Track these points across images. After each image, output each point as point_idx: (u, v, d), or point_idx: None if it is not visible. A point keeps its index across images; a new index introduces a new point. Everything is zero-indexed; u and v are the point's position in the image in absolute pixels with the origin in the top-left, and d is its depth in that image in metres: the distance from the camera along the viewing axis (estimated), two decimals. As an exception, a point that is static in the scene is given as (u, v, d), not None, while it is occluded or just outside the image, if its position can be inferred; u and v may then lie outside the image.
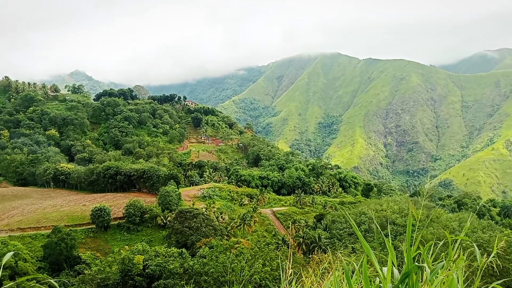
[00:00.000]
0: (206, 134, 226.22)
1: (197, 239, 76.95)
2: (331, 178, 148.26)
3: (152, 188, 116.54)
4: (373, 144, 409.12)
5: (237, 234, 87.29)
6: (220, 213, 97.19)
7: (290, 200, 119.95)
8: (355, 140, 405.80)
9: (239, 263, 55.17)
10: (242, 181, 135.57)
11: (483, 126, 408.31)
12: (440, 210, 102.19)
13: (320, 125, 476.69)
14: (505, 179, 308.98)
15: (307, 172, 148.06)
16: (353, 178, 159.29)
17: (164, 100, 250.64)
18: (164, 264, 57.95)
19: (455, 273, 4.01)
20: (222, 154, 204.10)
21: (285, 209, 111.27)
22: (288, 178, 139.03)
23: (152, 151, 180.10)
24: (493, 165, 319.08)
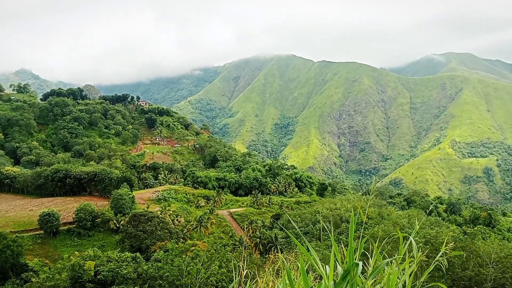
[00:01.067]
0: (160, 135, 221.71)
1: (152, 243, 75.25)
2: (287, 178, 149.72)
3: (104, 192, 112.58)
4: (327, 144, 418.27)
5: (194, 237, 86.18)
6: (176, 215, 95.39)
7: (247, 201, 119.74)
8: (310, 141, 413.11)
9: (195, 265, 54.29)
10: (198, 182, 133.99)
11: (430, 127, 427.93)
12: (390, 208, 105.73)
13: (277, 126, 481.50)
14: (450, 177, 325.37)
15: (264, 173, 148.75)
16: (308, 178, 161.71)
17: (116, 100, 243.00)
18: (117, 269, 55.99)
19: (396, 268, 4.14)
20: (177, 156, 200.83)
21: (242, 210, 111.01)
22: (245, 179, 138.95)
23: (104, 153, 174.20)
24: (440, 164, 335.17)
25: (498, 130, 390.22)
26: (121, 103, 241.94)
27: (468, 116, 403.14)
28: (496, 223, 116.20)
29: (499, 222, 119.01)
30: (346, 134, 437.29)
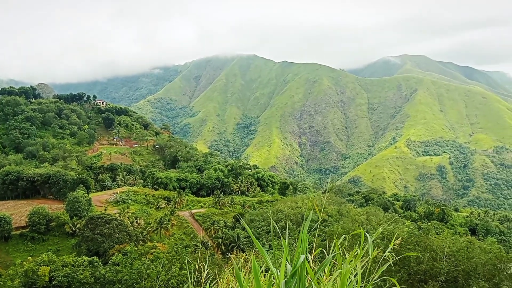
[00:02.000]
0: (118, 135, 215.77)
1: (110, 246, 73.27)
2: (249, 178, 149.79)
3: (59, 194, 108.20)
4: (289, 144, 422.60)
5: (154, 239, 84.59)
6: (135, 217, 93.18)
7: (209, 201, 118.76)
8: (272, 141, 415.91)
9: (155, 268, 53.43)
10: (158, 183, 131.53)
11: (387, 126, 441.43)
12: (350, 205, 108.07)
13: (239, 125, 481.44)
14: (406, 175, 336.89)
15: (226, 173, 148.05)
16: (270, 177, 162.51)
17: (72, 99, 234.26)
18: (73, 274, 54.11)
19: (349, 265, 4.23)
20: (136, 156, 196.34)
21: (204, 210, 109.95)
22: (207, 179, 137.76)
23: (59, 154, 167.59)
24: (396, 162, 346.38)
25: (450, 129, 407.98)
26: (76, 102, 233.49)
27: (422, 116, 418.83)
28: (449, 218, 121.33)
29: (451, 217, 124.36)
30: (307, 134, 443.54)
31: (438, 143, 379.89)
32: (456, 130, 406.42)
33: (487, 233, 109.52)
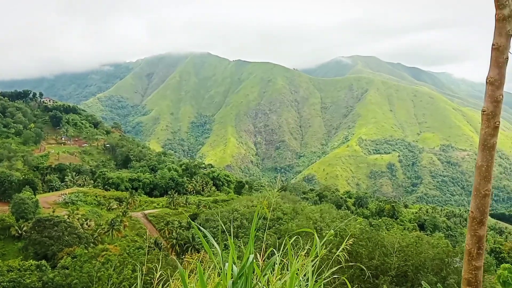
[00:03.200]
0: (67, 134, 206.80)
1: (59, 249, 70.50)
2: (204, 177, 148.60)
3: (4, 196, 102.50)
4: (244, 143, 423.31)
5: (105, 241, 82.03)
6: (85, 219, 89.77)
7: (163, 202, 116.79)
8: (227, 139, 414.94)
9: (107, 271, 52.06)
10: (110, 184, 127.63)
11: (339, 126, 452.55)
12: (304, 203, 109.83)
13: (193, 124, 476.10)
14: (358, 172, 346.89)
15: (180, 172, 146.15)
16: (226, 176, 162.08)
17: (16, 96, 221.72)
18: (19, 279, 51.59)
19: (298, 264, 4.28)
20: (86, 156, 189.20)
21: (157, 211, 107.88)
22: (161, 179, 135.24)
23: (3, 154, 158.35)
24: (348, 161, 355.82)
25: (399, 128, 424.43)
26: (21, 99, 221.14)
27: (373, 115, 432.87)
28: (399, 214, 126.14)
29: (401, 213, 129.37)
30: (262, 133, 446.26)
31: (388, 141, 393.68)
32: (405, 129, 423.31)
33: (435, 229, 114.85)
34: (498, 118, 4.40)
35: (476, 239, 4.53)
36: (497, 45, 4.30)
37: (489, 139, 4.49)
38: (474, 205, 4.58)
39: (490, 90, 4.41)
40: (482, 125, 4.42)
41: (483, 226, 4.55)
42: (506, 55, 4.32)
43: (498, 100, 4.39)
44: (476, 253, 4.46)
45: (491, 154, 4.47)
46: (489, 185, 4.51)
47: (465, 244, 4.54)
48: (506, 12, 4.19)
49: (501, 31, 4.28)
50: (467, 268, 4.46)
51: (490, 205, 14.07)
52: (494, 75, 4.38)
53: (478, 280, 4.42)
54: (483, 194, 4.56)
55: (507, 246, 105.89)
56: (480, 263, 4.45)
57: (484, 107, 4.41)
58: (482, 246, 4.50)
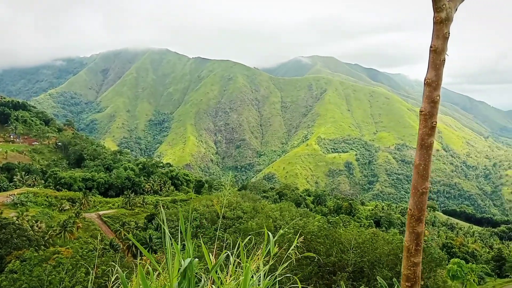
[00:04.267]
0: (16, 132, 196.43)
1: (7, 253, 67.19)
2: (162, 176, 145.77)
3: None
4: (204, 141, 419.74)
5: (57, 243, 78.49)
6: (36, 221, 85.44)
7: (119, 202, 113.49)
8: (186, 138, 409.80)
9: (58, 274, 49.73)
10: (62, 184, 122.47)
11: (299, 125, 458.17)
12: (264, 202, 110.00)
13: (151, 122, 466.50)
14: (317, 171, 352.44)
15: (137, 172, 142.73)
16: (185, 175, 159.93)
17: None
18: (-40, 286, 48.32)
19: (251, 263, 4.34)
20: (36, 155, 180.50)
21: (113, 211, 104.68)
22: (116, 178, 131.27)
23: None
24: (308, 159, 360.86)
25: (356, 128, 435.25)
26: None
27: (331, 115, 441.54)
28: (356, 211, 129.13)
29: (358, 210, 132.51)
30: (222, 131, 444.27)
31: (346, 140, 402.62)
32: (362, 129, 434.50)
33: (390, 225, 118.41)
34: (435, 118, 4.58)
35: (414, 236, 4.67)
36: (435, 47, 4.52)
37: (426, 139, 4.66)
38: (413, 202, 4.74)
39: (428, 91, 4.60)
40: (420, 125, 4.63)
41: (421, 223, 4.71)
42: (443, 57, 4.54)
43: (435, 101, 4.58)
44: (414, 250, 4.60)
45: (428, 153, 4.69)
46: (426, 183, 4.74)
47: (404, 241, 4.64)
48: (443, 15, 4.43)
49: (439, 33, 4.49)
50: (406, 265, 4.58)
51: (442, 202, 13.75)
52: (432, 77, 4.59)
53: (416, 276, 4.52)
54: (421, 192, 4.72)
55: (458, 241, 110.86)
56: (418, 259, 4.56)
57: (422, 107, 4.62)
58: (420, 242, 4.64)
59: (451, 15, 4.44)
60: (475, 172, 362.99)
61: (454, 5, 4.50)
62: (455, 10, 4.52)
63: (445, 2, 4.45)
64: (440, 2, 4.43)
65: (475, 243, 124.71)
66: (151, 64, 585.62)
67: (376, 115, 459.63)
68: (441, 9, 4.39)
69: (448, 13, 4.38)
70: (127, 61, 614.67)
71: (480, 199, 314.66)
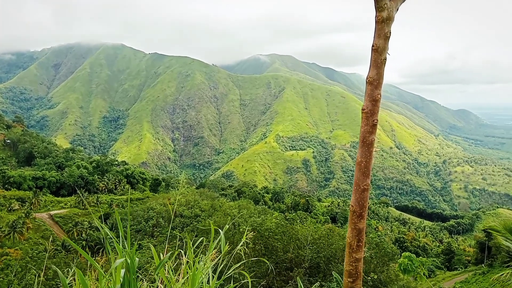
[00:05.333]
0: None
1: (-50, 256, 63.14)
2: (117, 175, 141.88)
3: None
4: (161, 139, 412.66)
5: (6, 244, 74.94)
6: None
7: (72, 201, 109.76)
8: (143, 135, 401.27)
9: (6, 277, 47.73)
10: (10, 183, 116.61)
11: (258, 122, 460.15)
12: (223, 199, 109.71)
13: (105, 119, 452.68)
14: (275, 168, 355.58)
15: (91, 170, 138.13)
16: (141, 174, 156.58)
17: None
18: None
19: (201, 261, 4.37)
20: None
21: (65, 211, 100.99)
22: (69, 177, 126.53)
23: None
24: (266, 157, 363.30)
25: (314, 126, 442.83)
26: None
27: (289, 113, 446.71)
28: (313, 208, 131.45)
29: (315, 207, 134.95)
30: (180, 129, 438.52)
31: (303, 138, 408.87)
32: (318, 127, 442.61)
33: (345, 221, 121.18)
34: (377, 116, 4.80)
35: (356, 232, 4.82)
36: (376, 46, 4.62)
37: (367, 136, 4.87)
38: (354, 199, 4.96)
39: (369, 89, 4.77)
40: (362, 123, 4.81)
41: (362, 219, 4.92)
42: (384, 56, 4.64)
43: (377, 99, 4.76)
44: (356, 246, 4.76)
45: (369, 150, 4.94)
46: (368, 180, 5.00)
47: (346, 237, 4.80)
48: (384, 15, 4.53)
49: (380, 33, 4.60)
50: (348, 260, 4.74)
51: (395, 198, 14.27)
52: (373, 75, 4.72)
53: (358, 272, 4.71)
54: (362, 189, 4.91)
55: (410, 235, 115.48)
56: (360, 255, 4.73)
57: (364, 105, 4.83)
58: (362, 238, 4.81)
59: (392, 15, 4.56)
60: (426, 169, 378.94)
61: (396, 5, 4.58)
62: (396, 10, 4.60)
63: (386, 1, 4.53)
64: (382, 2, 4.54)
65: (426, 238, 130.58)
66: (105, 59, 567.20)
67: (332, 113, 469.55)
68: (383, 8, 4.51)
69: (389, 12, 4.50)
70: (80, 56, 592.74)
71: (430, 195, 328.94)
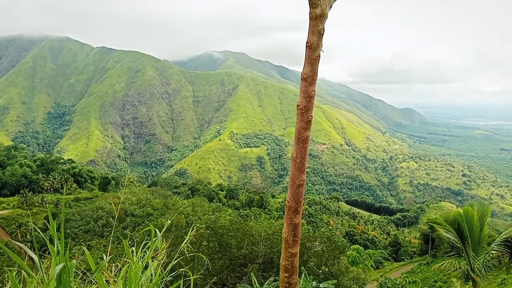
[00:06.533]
0: None
1: None
2: (64, 173, 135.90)
3: None
4: (110, 136, 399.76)
5: None
6: None
7: (14, 202, 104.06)
8: (90, 132, 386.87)
9: None
10: None
11: (212, 119, 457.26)
12: (176, 198, 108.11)
13: (50, 115, 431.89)
14: (230, 165, 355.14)
15: (35, 169, 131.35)
16: (89, 172, 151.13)
17: None
18: None
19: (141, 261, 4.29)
20: None
21: (8, 212, 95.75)
22: (11, 176, 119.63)
23: None
24: (221, 154, 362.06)
25: (267, 123, 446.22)
26: None
27: (243, 110, 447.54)
28: (267, 204, 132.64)
29: (269, 203, 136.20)
30: (130, 126, 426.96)
31: (258, 135, 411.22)
32: (272, 124, 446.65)
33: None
34: (311, 113, 4.80)
35: (291, 227, 4.84)
36: (310, 43, 4.64)
37: (302, 133, 4.93)
38: (290, 195, 5.03)
39: (304, 86, 4.76)
40: (297, 119, 4.83)
41: (298, 214, 4.97)
42: (318, 52, 4.64)
43: (311, 96, 4.75)
44: (292, 241, 4.76)
45: (304, 146, 4.99)
46: (303, 175, 5.04)
47: (283, 232, 4.81)
48: (318, 11, 4.53)
49: (314, 29, 4.60)
50: (284, 255, 4.76)
51: (345, 193, 14.38)
52: (307, 72, 4.72)
53: (294, 267, 4.73)
54: (298, 184, 4.98)
55: (359, 229, 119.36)
56: (295, 250, 4.75)
57: (298, 102, 4.83)
58: (298, 233, 4.83)
59: (326, 12, 4.55)
60: (374, 165, 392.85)
61: (329, 2, 4.58)
62: (330, 7, 4.60)
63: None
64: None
65: (374, 230, 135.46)
66: (49, 52, 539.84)
67: (285, 111, 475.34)
68: (316, 5, 4.49)
69: (323, 9, 4.48)
70: (22, 49, 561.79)
71: (378, 189, 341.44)
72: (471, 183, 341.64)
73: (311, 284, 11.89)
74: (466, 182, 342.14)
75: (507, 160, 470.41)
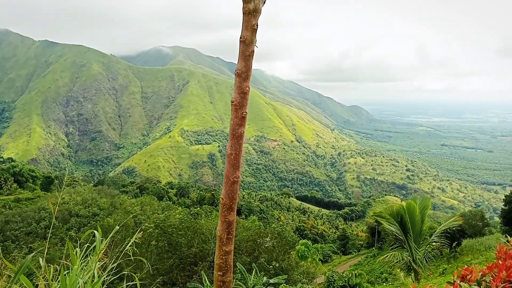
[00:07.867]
0: None
1: None
2: (3, 173, 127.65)
3: None
4: (53, 133, 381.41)
5: None
6: None
7: None
8: (32, 130, 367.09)
9: None
10: None
11: (161, 116, 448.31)
12: (124, 197, 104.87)
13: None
14: (180, 163, 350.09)
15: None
16: (30, 171, 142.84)
17: None
18: None
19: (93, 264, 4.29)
20: None
21: None
22: None
23: None
24: (171, 151, 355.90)
25: (219, 120, 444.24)
26: None
27: (194, 107, 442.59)
28: (218, 201, 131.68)
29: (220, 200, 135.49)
30: (75, 122, 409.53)
31: (209, 132, 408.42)
32: (224, 121, 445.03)
33: (250, 212, 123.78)
34: (246, 109, 4.72)
35: (226, 225, 4.76)
36: (244, 38, 4.62)
37: (237, 129, 4.79)
38: (224, 192, 4.91)
39: (238, 81, 4.71)
40: (231, 115, 4.75)
41: (232, 212, 4.89)
42: (252, 48, 4.64)
43: (245, 92, 4.68)
44: (226, 239, 4.69)
45: (239, 143, 4.87)
46: (237, 172, 4.97)
47: (217, 230, 4.70)
48: (251, 6, 4.49)
49: (247, 24, 4.57)
50: (218, 254, 4.66)
51: (296, 189, 14.29)
52: (241, 67, 4.68)
53: (228, 265, 4.67)
54: (232, 181, 4.88)
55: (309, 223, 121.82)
56: (229, 247, 4.67)
57: (233, 98, 4.77)
58: (232, 231, 4.75)
59: (259, 7, 4.48)
60: (323, 160, 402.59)
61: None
62: (263, 3, 4.53)
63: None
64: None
65: (323, 225, 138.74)
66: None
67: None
68: (249, 0, 4.40)
69: (256, 4, 4.40)
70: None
71: (327, 185, 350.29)
72: (414, 177, 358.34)
73: (262, 280, 11.82)
74: (409, 176, 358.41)
75: (448, 155, 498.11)
